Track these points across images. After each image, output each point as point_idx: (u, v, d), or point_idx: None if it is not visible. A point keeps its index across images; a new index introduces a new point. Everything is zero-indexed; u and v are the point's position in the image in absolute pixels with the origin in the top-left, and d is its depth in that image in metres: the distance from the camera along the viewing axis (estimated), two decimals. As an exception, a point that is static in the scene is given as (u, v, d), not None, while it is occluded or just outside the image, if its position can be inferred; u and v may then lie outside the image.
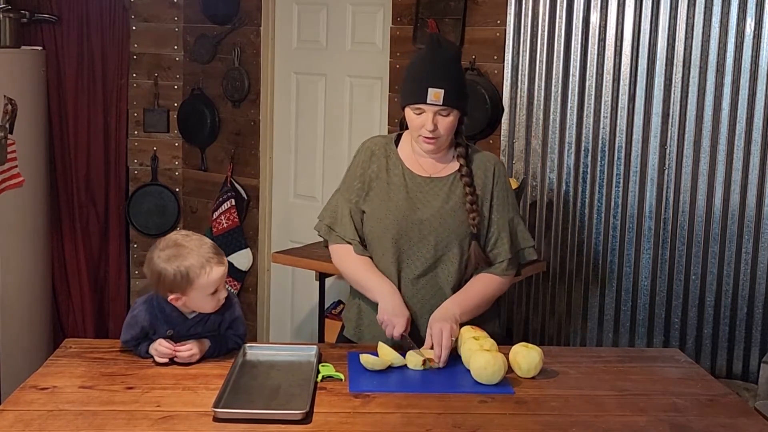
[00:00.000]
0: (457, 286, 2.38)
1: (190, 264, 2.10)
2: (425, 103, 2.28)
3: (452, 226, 2.35)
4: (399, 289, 2.37)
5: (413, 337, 2.31)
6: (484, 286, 2.39)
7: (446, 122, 2.30)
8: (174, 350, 2.13)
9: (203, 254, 2.13)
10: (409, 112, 2.33)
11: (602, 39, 3.49)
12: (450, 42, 2.48)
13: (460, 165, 2.38)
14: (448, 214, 2.35)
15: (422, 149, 2.37)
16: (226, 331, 2.24)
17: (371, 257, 2.42)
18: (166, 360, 2.13)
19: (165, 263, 2.11)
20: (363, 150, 2.47)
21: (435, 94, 2.26)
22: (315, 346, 2.25)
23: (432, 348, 2.20)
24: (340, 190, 2.48)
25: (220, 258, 2.15)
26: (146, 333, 2.18)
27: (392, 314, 2.28)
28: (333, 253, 2.49)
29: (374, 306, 2.39)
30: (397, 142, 2.46)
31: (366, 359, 2.13)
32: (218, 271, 2.13)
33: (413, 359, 2.15)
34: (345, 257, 2.44)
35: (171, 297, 2.14)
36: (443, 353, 2.17)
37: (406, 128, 2.42)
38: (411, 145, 2.43)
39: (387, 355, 2.15)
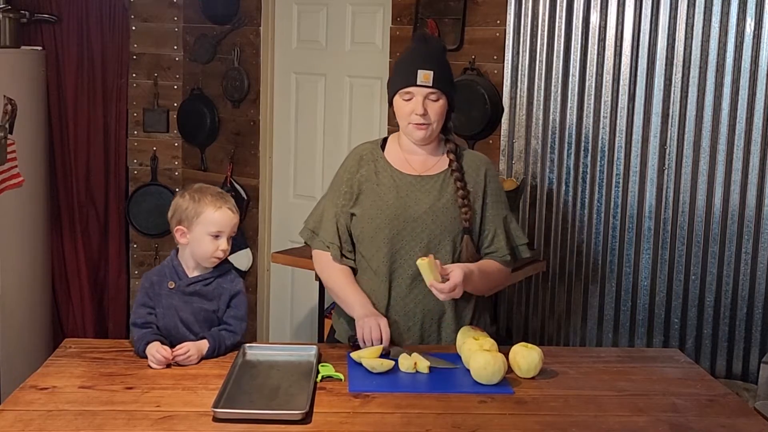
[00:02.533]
0: None
1: (205, 200, 2.25)
2: (415, 84, 2.29)
3: (445, 222, 2.35)
4: (392, 289, 2.38)
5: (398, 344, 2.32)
6: (491, 264, 2.41)
7: (436, 107, 2.31)
8: (170, 357, 2.13)
9: (220, 197, 2.29)
10: (398, 101, 2.34)
11: (602, 39, 3.49)
12: (437, 38, 2.51)
13: (450, 161, 2.38)
14: (441, 211, 2.35)
15: (413, 138, 2.36)
16: (226, 311, 2.27)
17: (354, 265, 2.42)
18: (161, 366, 2.12)
19: (184, 198, 2.28)
20: (351, 156, 2.48)
21: (425, 75, 2.28)
22: (315, 346, 2.25)
23: None
24: (327, 196, 2.48)
25: (232, 207, 2.28)
26: (153, 294, 2.25)
27: (370, 316, 2.27)
28: (315, 259, 2.50)
29: None
30: (383, 146, 2.46)
31: (367, 362, 2.13)
32: (227, 213, 2.25)
33: (406, 362, 2.15)
34: (325, 265, 2.45)
35: (178, 228, 2.25)
36: (448, 286, 2.19)
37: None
38: (398, 144, 2.43)
39: (381, 365, 2.14)
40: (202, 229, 2.24)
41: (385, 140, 2.48)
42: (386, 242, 2.36)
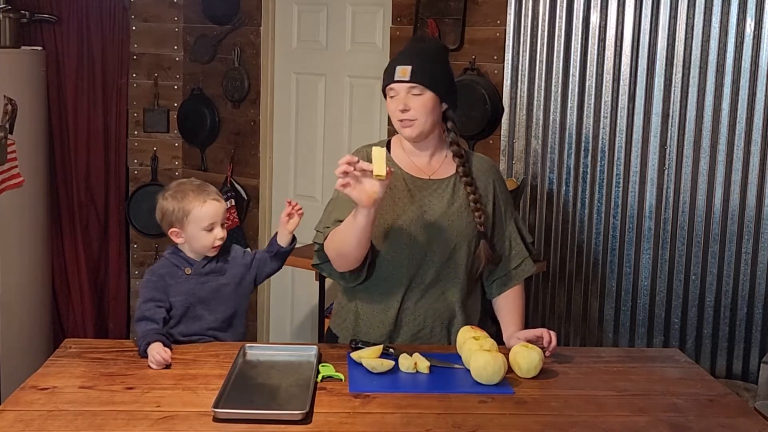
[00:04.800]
0: (464, 289, 2.37)
1: (188, 198, 2.33)
2: (393, 81, 2.28)
3: (460, 227, 2.33)
4: (406, 293, 2.35)
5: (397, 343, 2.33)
6: (521, 300, 2.47)
7: (418, 102, 2.26)
8: (169, 359, 2.13)
9: (201, 190, 2.35)
10: (388, 101, 2.32)
11: (602, 39, 3.49)
12: (435, 39, 2.46)
13: (457, 165, 2.35)
14: (455, 216, 2.33)
15: (403, 135, 2.33)
16: (257, 254, 2.42)
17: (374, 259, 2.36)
18: (160, 367, 2.12)
19: (167, 201, 2.34)
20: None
21: (402, 71, 2.26)
22: (315, 346, 2.25)
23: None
24: (337, 199, 2.36)
25: (217, 197, 2.36)
26: (166, 287, 2.29)
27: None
28: (326, 249, 2.31)
29: (372, 308, 2.39)
30: (388, 148, 2.41)
31: (367, 362, 2.13)
32: (213, 205, 2.32)
33: (406, 362, 2.15)
34: (331, 237, 2.28)
35: (171, 231, 2.32)
36: (553, 340, 2.27)
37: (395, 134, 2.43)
38: (401, 146, 2.40)
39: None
40: (195, 227, 2.31)
41: (388, 142, 2.44)
42: (404, 247, 2.32)
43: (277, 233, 2.44)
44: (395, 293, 2.35)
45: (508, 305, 2.45)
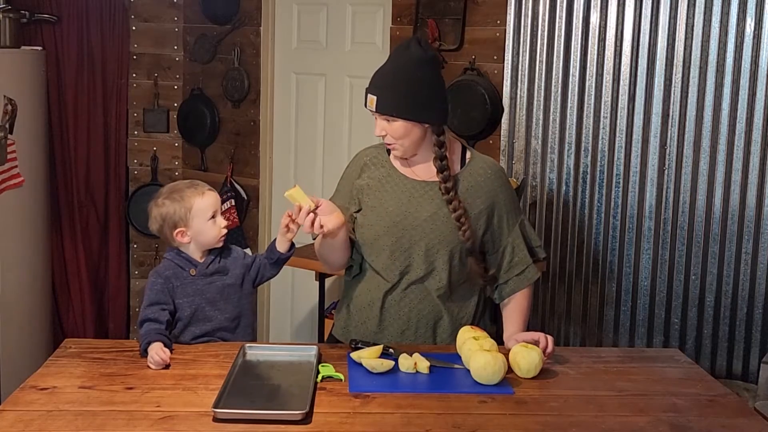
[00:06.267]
0: (450, 292, 2.37)
1: (186, 195, 2.33)
2: (365, 107, 2.30)
3: (444, 232, 2.32)
4: (388, 292, 2.37)
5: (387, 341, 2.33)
6: (527, 301, 2.47)
7: (392, 128, 2.27)
8: (168, 360, 2.13)
9: (195, 185, 2.37)
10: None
11: (602, 39, 3.49)
12: (421, 47, 2.31)
13: (439, 182, 2.32)
14: (441, 221, 2.32)
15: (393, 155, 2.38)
16: (257, 259, 2.42)
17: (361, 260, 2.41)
18: (159, 367, 2.12)
19: (165, 206, 2.34)
20: (355, 160, 2.46)
21: (370, 100, 2.28)
22: (315, 346, 2.25)
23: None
24: (333, 197, 2.44)
25: (210, 187, 2.39)
26: (172, 290, 2.30)
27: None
28: (316, 252, 2.47)
29: (359, 304, 2.41)
30: (389, 150, 2.43)
31: (367, 362, 2.13)
32: (210, 195, 2.36)
33: (406, 362, 2.15)
34: (317, 243, 2.42)
35: (177, 231, 2.32)
36: (550, 345, 2.23)
37: None
38: None
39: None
40: (201, 219, 2.32)
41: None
42: (385, 248, 2.34)
43: (275, 240, 2.43)
44: (379, 290, 2.37)
45: (511, 306, 2.45)
